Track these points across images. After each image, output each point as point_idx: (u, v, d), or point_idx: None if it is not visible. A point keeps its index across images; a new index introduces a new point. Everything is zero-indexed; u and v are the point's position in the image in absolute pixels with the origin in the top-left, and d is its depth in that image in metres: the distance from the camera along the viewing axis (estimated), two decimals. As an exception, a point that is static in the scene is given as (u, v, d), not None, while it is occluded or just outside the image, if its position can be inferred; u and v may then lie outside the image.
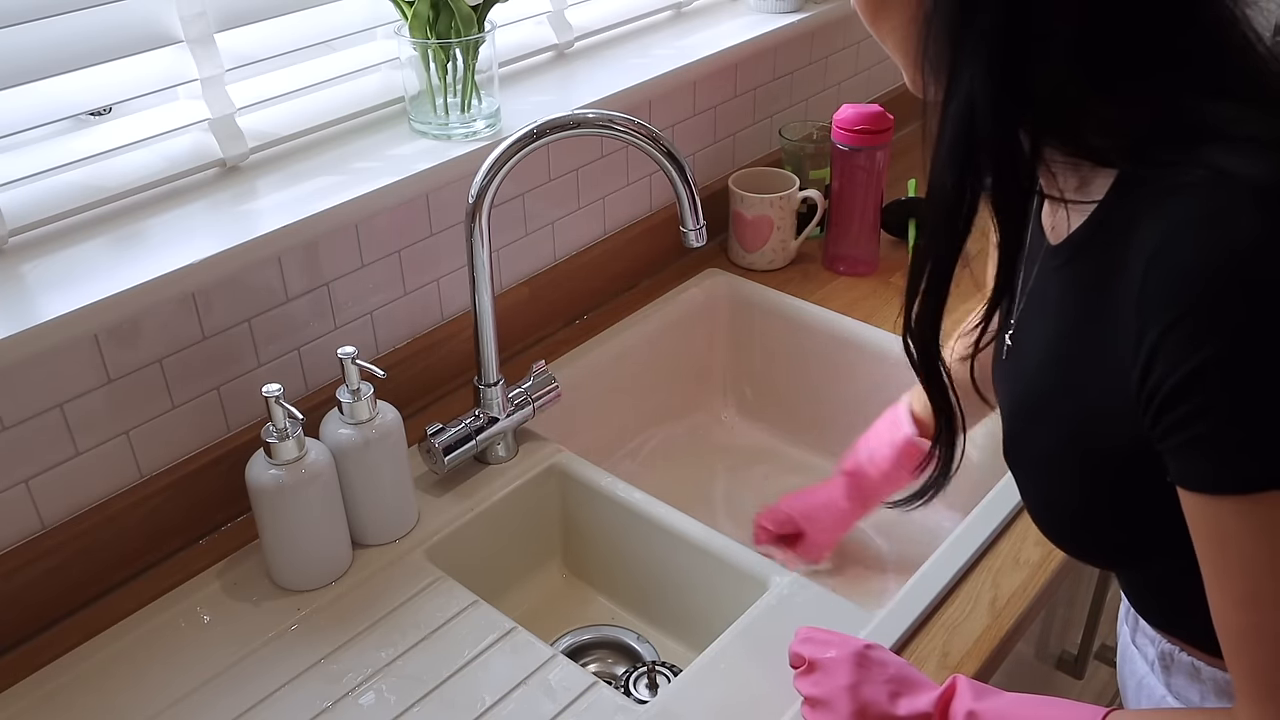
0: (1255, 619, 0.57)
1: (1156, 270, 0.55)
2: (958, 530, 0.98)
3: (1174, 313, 0.54)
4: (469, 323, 1.03)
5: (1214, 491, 0.56)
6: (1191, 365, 0.54)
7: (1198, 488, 0.57)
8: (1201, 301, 0.53)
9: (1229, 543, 0.56)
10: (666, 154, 0.93)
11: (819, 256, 1.42)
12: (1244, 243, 0.52)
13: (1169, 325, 0.54)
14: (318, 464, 0.90)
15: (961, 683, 0.74)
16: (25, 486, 0.88)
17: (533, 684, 0.85)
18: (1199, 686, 0.75)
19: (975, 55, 0.58)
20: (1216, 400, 0.54)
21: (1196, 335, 0.54)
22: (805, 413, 1.34)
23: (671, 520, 1.02)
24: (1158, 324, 0.55)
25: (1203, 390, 0.54)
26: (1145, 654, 0.80)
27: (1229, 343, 0.53)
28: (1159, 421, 0.57)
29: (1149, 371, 0.56)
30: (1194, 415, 0.55)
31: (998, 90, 0.58)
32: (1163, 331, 0.55)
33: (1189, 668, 0.75)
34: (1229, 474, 0.55)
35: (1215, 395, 0.54)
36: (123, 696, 0.84)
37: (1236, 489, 0.55)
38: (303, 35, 1.04)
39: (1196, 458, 0.56)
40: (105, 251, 0.90)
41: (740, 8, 1.43)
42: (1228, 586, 0.58)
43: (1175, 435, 0.56)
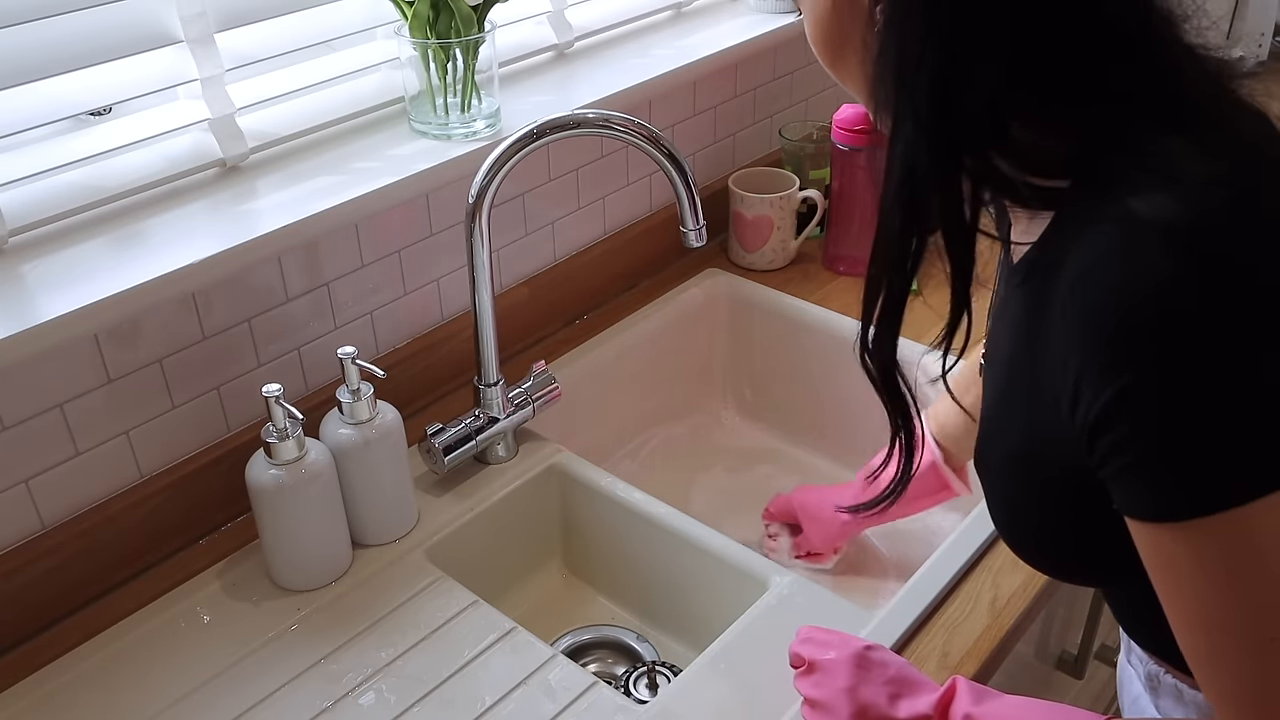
0: (1209, 641, 0.57)
1: (1076, 301, 0.56)
2: (958, 530, 0.98)
3: (1092, 343, 0.55)
4: (469, 323, 1.03)
5: (1149, 519, 0.56)
6: (1110, 394, 0.54)
7: (1135, 515, 0.57)
8: (1117, 333, 0.54)
9: (1172, 569, 0.56)
10: (666, 154, 0.93)
11: (819, 256, 1.42)
12: (1158, 276, 0.53)
13: (1089, 355, 0.55)
14: (318, 464, 0.90)
15: (961, 684, 0.74)
16: (25, 486, 0.88)
17: (533, 684, 0.85)
18: (1183, 709, 0.75)
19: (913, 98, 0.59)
20: (1137, 429, 0.54)
21: (1114, 365, 0.54)
22: (805, 413, 1.34)
23: (671, 520, 1.02)
24: (1079, 352, 0.56)
25: (1124, 419, 0.54)
26: (1138, 672, 0.80)
27: (1144, 373, 0.53)
28: (1093, 450, 0.57)
29: (1077, 400, 0.57)
30: (1120, 444, 0.55)
31: (932, 133, 0.59)
32: (1083, 361, 0.55)
33: (1173, 690, 0.75)
34: (1160, 501, 0.55)
35: (1136, 424, 0.54)
36: (123, 696, 0.84)
37: (1167, 516, 0.55)
38: (303, 35, 1.04)
39: (1131, 485, 0.56)
40: (105, 251, 0.90)
41: (740, 8, 1.43)
42: (1179, 611, 0.58)
43: (1108, 464, 0.57)
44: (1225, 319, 0.52)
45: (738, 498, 1.27)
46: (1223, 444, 0.53)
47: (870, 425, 1.27)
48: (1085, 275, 0.56)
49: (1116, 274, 0.54)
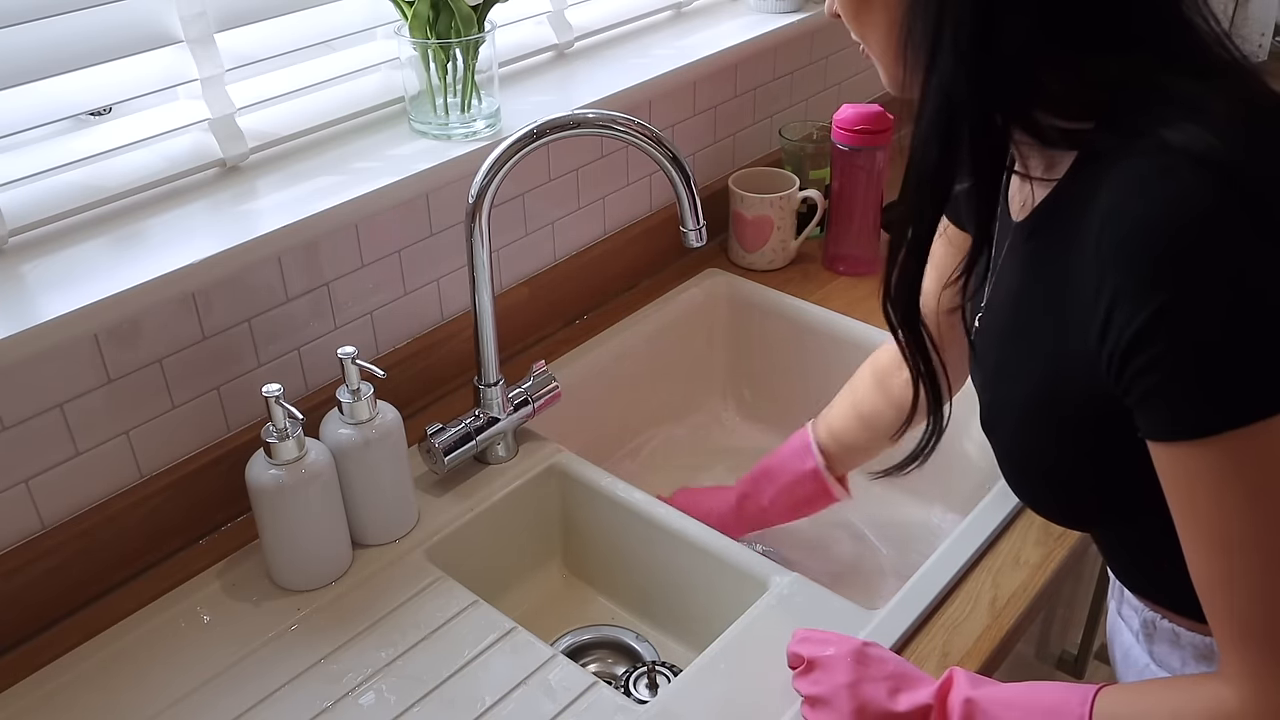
0: (1229, 564, 0.58)
1: (1111, 226, 0.57)
2: (958, 530, 0.98)
3: (1127, 264, 0.56)
4: (469, 323, 1.03)
5: (1176, 438, 0.57)
6: (1146, 314, 0.56)
7: (1161, 436, 0.58)
8: (1152, 252, 0.55)
9: (1197, 490, 0.58)
10: (667, 154, 0.93)
11: (819, 256, 1.42)
12: (1195, 199, 0.55)
13: (1123, 276, 0.56)
14: (318, 464, 0.90)
15: (958, 674, 0.75)
16: (25, 486, 0.88)
17: (533, 684, 0.85)
18: (1179, 653, 0.76)
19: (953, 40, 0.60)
20: (1171, 347, 0.56)
21: (1149, 285, 0.55)
22: (805, 413, 1.33)
23: (671, 520, 1.02)
24: (1113, 276, 0.57)
25: (1158, 338, 0.56)
26: (1130, 624, 0.81)
27: (1180, 290, 0.55)
28: (1121, 374, 0.58)
29: (1109, 324, 0.58)
30: (1151, 364, 0.56)
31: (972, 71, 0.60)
32: (1118, 283, 0.57)
33: (1169, 634, 0.76)
34: (1189, 420, 0.56)
35: (1170, 342, 0.56)
36: (123, 696, 0.84)
37: (1197, 433, 0.56)
38: (303, 35, 1.04)
39: (1158, 407, 0.57)
40: (105, 251, 0.90)
41: (740, 8, 1.43)
42: (1199, 535, 0.59)
43: (1136, 386, 0.58)
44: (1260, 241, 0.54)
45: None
46: (1252, 359, 0.54)
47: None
48: (1122, 202, 0.57)
49: (1155, 199, 0.56)
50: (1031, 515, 1.00)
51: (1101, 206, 0.58)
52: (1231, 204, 0.55)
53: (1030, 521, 0.99)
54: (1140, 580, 0.77)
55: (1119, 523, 0.74)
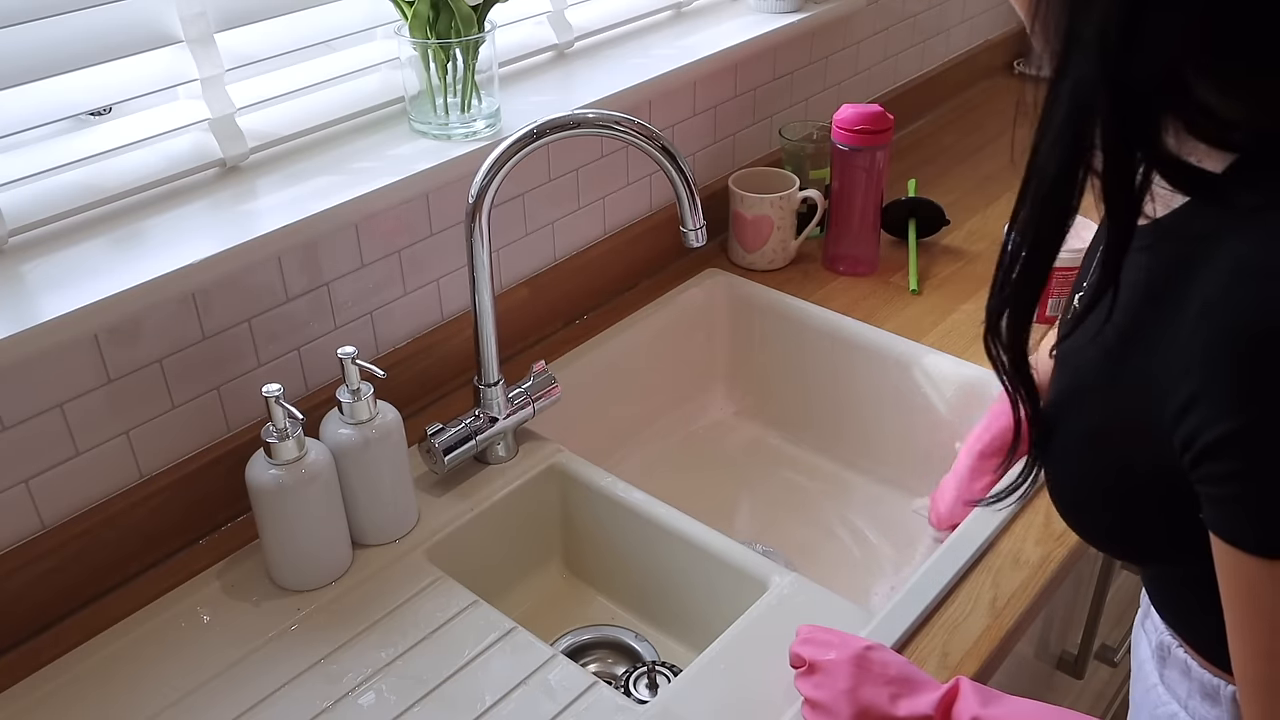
0: (1270, 671, 0.57)
1: (1210, 317, 0.53)
2: (958, 530, 0.98)
3: (1221, 366, 0.52)
4: (469, 323, 1.03)
5: (1245, 550, 0.55)
6: (1229, 428, 0.52)
7: (1232, 542, 0.56)
8: (1246, 364, 0.51)
9: (1256, 599, 0.56)
10: (667, 154, 0.93)
11: (819, 256, 1.42)
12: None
13: (1211, 376, 0.53)
14: (318, 464, 0.90)
15: (965, 685, 0.74)
16: (25, 486, 0.88)
17: (533, 684, 0.85)
18: (1188, 684, 0.75)
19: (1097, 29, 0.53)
20: (1250, 468, 0.53)
21: (1236, 398, 0.52)
22: (805, 413, 1.34)
23: (671, 520, 1.02)
24: (1202, 370, 0.53)
25: (1240, 456, 0.53)
26: (1150, 639, 0.80)
27: (1267, 413, 0.51)
28: (1194, 468, 0.55)
29: (1186, 414, 0.54)
30: (1232, 475, 0.54)
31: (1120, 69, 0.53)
32: (1204, 383, 0.53)
33: (1182, 664, 0.75)
34: (1257, 538, 0.54)
35: (1249, 463, 0.53)
36: (123, 696, 0.84)
37: (1263, 553, 0.54)
38: (303, 35, 1.04)
39: (1234, 513, 0.55)
40: (105, 251, 0.90)
41: (740, 8, 1.43)
42: (1249, 638, 0.57)
43: (1211, 486, 0.55)
44: None
45: (738, 498, 1.27)
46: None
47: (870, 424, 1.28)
48: (1231, 291, 0.52)
49: (1258, 303, 0.51)
50: (1032, 515, 1.00)
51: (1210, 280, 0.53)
52: None
53: (1030, 521, 0.99)
54: (1168, 612, 0.76)
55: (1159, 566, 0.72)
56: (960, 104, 1.84)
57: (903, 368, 1.23)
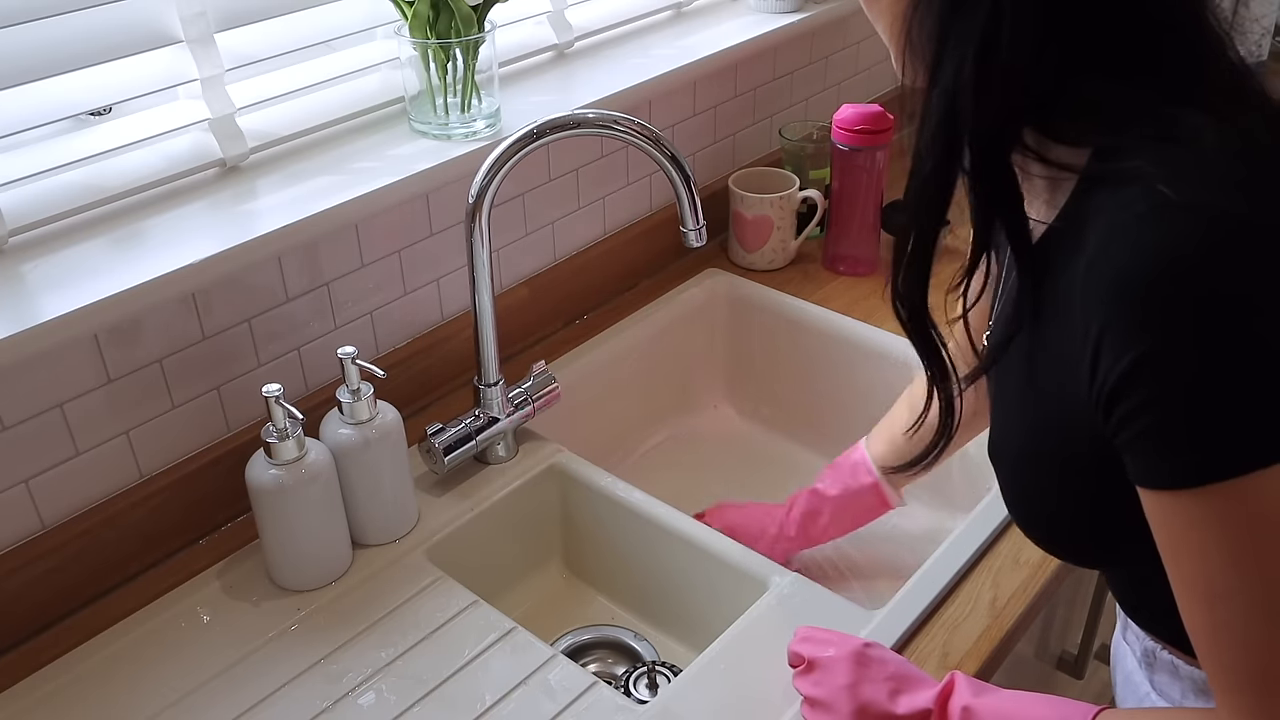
0: (1217, 614, 0.57)
1: (1097, 268, 0.57)
2: (958, 530, 0.98)
3: (1111, 309, 0.55)
4: (469, 323, 1.03)
5: (1162, 486, 0.56)
6: (1129, 360, 0.55)
7: (1148, 484, 0.57)
8: (1136, 298, 0.55)
9: (1183, 539, 0.57)
10: (667, 154, 0.93)
11: (819, 256, 1.42)
12: (1181, 245, 0.54)
13: (1108, 321, 0.56)
14: (318, 464, 0.90)
15: (959, 679, 0.74)
16: (25, 486, 0.88)
17: (533, 684, 0.85)
18: (1179, 684, 0.76)
19: (960, 43, 0.59)
20: (1154, 395, 0.55)
21: (1132, 331, 0.55)
22: (805, 412, 1.34)
23: (671, 520, 1.02)
24: (1098, 319, 0.56)
25: (1141, 385, 0.55)
26: (1133, 649, 0.81)
27: (1162, 338, 0.54)
28: (1109, 418, 0.58)
29: (1095, 367, 0.57)
30: (1136, 410, 0.56)
31: (980, 79, 0.59)
32: (1102, 326, 0.56)
33: (1169, 666, 0.75)
34: (1172, 470, 0.56)
35: (1153, 390, 0.55)
36: (123, 696, 0.84)
37: (1182, 483, 0.55)
38: (303, 35, 1.04)
39: (1145, 453, 0.57)
40: (105, 251, 0.90)
41: (740, 8, 1.43)
42: (1187, 584, 0.58)
43: (1124, 431, 0.57)
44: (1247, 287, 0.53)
45: (737, 497, 1.27)
46: (1239, 410, 0.53)
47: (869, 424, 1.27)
48: (1107, 245, 0.56)
49: (1138, 243, 0.55)
50: (1031, 515, 1.00)
51: (1089, 246, 0.58)
52: (1217, 249, 0.53)
53: (1030, 521, 0.99)
54: (1142, 614, 0.77)
55: (1119, 563, 0.73)
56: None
57: (903, 368, 1.23)
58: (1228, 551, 0.55)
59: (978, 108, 0.60)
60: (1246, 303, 0.53)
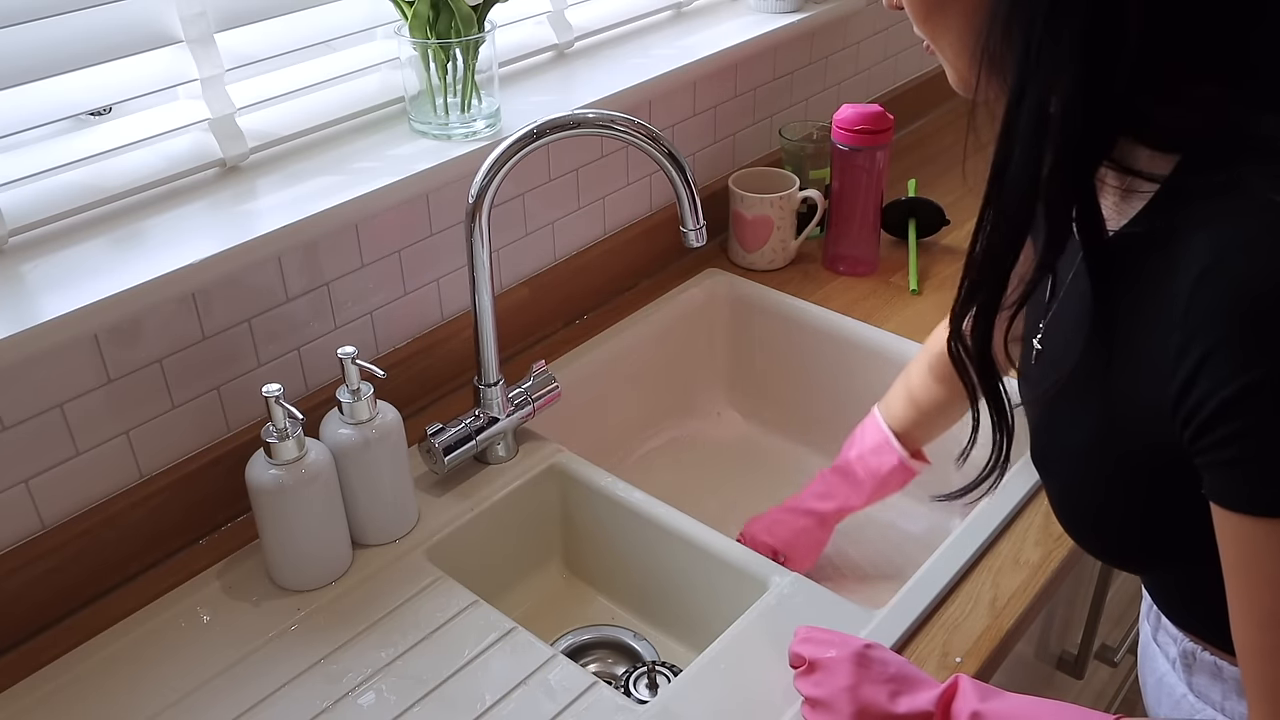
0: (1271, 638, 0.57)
1: (1207, 287, 0.54)
2: (958, 530, 0.98)
3: (1222, 332, 0.54)
4: (469, 323, 1.03)
5: (1248, 512, 0.56)
6: (1237, 386, 0.53)
7: (1232, 506, 0.56)
8: (1251, 322, 0.53)
9: (1258, 563, 0.56)
10: (667, 154, 0.93)
11: (819, 256, 1.42)
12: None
13: (1215, 344, 0.54)
14: (318, 464, 0.90)
15: (965, 682, 0.74)
16: (25, 486, 0.88)
17: (533, 684, 0.85)
18: (1221, 686, 0.75)
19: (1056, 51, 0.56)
20: (1260, 424, 0.54)
21: (1244, 357, 0.53)
22: (805, 413, 1.34)
23: (671, 520, 1.02)
24: (1204, 341, 0.55)
25: (1247, 413, 0.54)
26: (1167, 652, 0.80)
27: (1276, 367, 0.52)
28: (1199, 438, 0.56)
29: (1190, 387, 0.56)
30: (1236, 436, 0.55)
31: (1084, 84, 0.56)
32: (1208, 350, 0.54)
33: (1211, 667, 0.75)
34: (1266, 496, 0.55)
35: (1259, 419, 0.54)
36: (122, 696, 0.84)
37: (1268, 511, 0.55)
38: (303, 35, 1.04)
39: (1235, 478, 0.56)
40: (105, 251, 0.90)
41: (740, 8, 1.43)
42: (1251, 605, 0.58)
43: (1214, 453, 0.56)
44: None
45: (738, 497, 1.27)
46: None
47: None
48: (1221, 259, 0.54)
49: (1260, 263, 0.53)
50: (1032, 515, 1.00)
51: (1196, 258, 0.55)
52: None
53: (1030, 521, 0.99)
54: (1183, 616, 0.76)
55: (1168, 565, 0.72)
56: (960, 104, 1.83)
57: (902, 368, 1.23)
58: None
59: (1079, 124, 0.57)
60: None
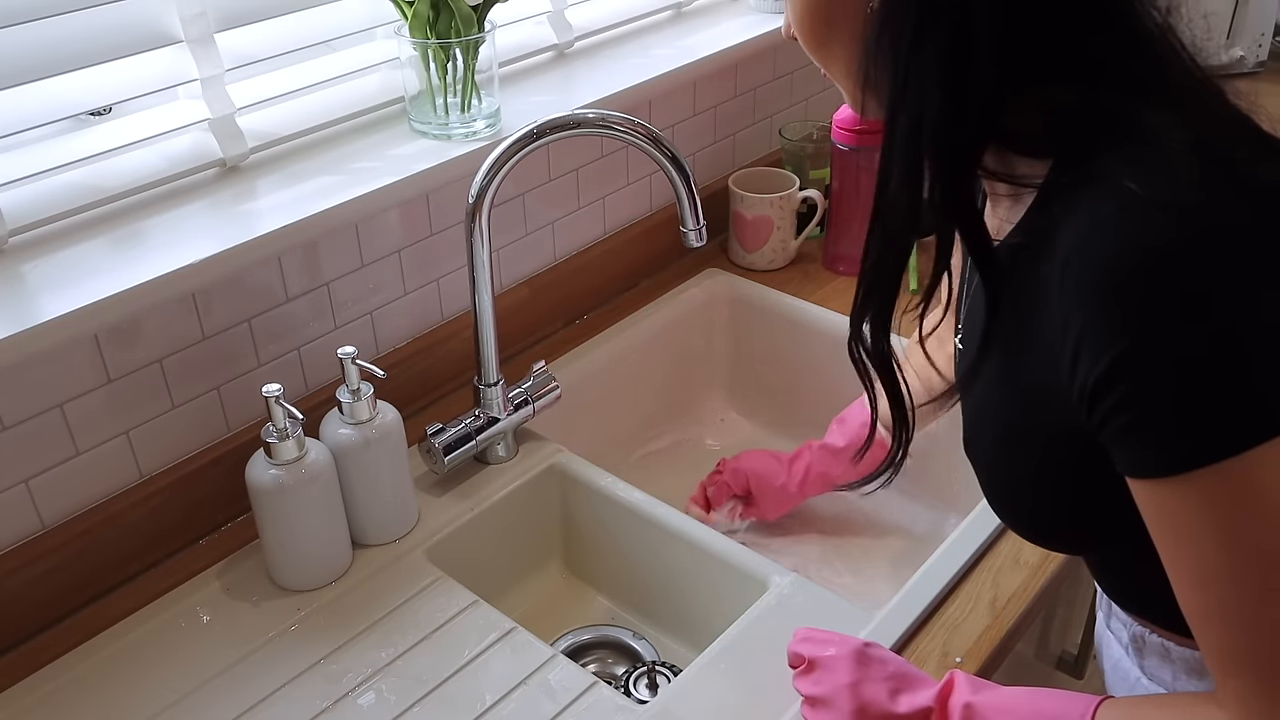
0: (1211, 596, 0.58)
1: (1072, 266, 0.57)
2: (958, 530, 0.98)
3: (1094, 305, 0.56)
4: (469, 323, 1.03)
5: (1150, 475, 0.58)
6: (1111, 355, 0.56)
7: (1137, 474, 0.58)
8: (1113, 293, 0.56)
9: (1175, 524, 0.58)
10: (667, 154, 0.93)
11: (819, 256, 1.42)
12: (1151, 240, 0.55)
13: (1087, 317, 0.57)
14: (318, 464, 0.90)
15: (959, 677, 0.75)
16: (25, 486, 0.88)
17: (533, 684, 0.85)
18: (1170, 667, 0.76)
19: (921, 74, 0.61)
20: (1137, 388, 0.56)
21: (1114, 328, 0.56)
22: (805, 412, 1.34)
23: (671, 520, 1.02)
24: (1078, 316, 0.57)
25: (1125, 380, 0.56)
26: (1119, 637, 0.81)
27: (1141, 331, 0.55)
28: (1093, 411, 0.58)
29: (1077, 362, 0.58)
30: (1120, 404, 0.57)
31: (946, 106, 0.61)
32: (1083, 324, 0.57)
33: (1160, 649, 0.76)
34: (1159, 458, 0.57)
35: (1136, 383, 0.56)
36: (122, 696, 0.84)
37: (1168, 471, 0.56)
38: (303, 35, 1.04)
39: (1130, 445, 0.58)
40: (105, 251, 0.90)
41: (740, 8, 1.43)
42: (1181, 568, 0.59)
43: (1108, 425, 0.58)
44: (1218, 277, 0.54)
45: (738, 498, 1.27)
46: (1221, 394, 0.54)
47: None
48: (1083, 244, 0.57)
49: (1113, 241, 0.56)
50: (1031, 515, 1.00)
51: (1064, 246, 0.58)
52: (1188, 241, 0.55)
53: (1030, 521, 0.99)
54: (1128, 598, 0.77)
55: (1100, 548, 0.74)
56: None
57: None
58: (1219, 533, 0.56)
59: (944, 134, 0.61)
60: (1219, 295, 0.54)
